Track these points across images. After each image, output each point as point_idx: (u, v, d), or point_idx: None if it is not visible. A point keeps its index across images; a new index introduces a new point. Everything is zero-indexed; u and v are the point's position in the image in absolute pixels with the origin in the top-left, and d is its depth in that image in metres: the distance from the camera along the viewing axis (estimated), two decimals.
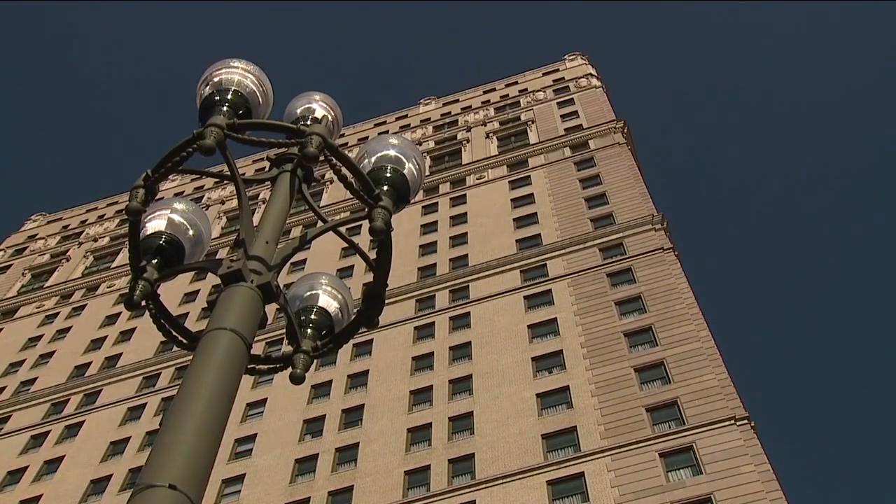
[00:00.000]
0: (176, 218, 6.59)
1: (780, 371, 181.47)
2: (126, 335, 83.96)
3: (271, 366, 6.64)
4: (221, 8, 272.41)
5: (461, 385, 61.68)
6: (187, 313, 79.74)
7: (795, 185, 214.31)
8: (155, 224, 6.53)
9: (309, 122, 7.20)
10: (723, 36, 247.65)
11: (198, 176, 7.85)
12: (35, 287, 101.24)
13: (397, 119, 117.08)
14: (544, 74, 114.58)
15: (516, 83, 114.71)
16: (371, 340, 68.40)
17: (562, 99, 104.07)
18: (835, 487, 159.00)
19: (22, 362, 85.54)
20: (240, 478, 60.16)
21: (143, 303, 6.17)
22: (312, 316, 6.89)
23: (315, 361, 7.06)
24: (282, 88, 7.91)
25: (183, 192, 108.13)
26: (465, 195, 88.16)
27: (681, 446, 50.70)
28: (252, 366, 6.43)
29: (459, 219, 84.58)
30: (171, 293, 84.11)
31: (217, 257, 17.75)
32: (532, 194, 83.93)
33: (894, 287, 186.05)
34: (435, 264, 77.93)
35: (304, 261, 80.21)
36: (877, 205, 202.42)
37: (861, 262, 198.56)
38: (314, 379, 65.73)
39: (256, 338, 5.84)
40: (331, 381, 66.02)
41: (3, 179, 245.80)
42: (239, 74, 7.14)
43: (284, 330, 6.99)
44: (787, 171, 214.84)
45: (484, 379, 61.13)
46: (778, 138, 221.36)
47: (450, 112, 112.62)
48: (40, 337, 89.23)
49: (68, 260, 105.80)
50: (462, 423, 58.18)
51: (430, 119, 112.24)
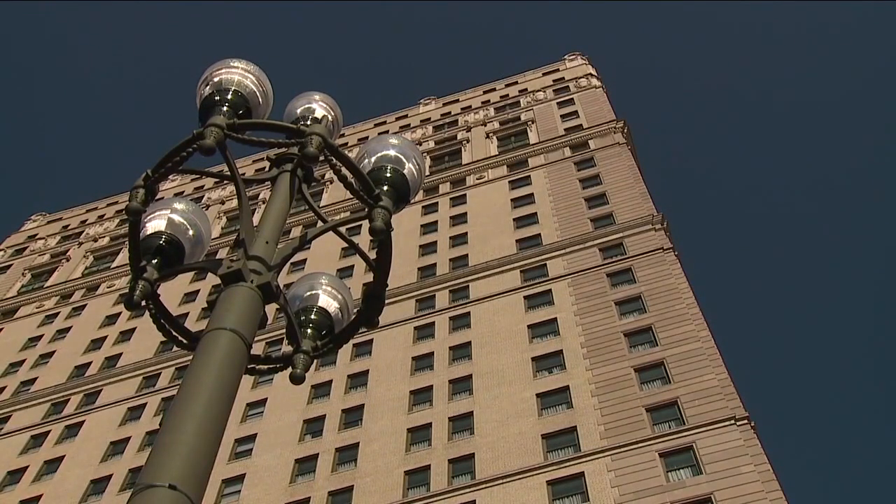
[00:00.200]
0: (176, 218, 6.59)
1: (780, 371, 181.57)
2: (126, 335, 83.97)
3: (271, 366, 6.64)
4: (221, 8, 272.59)
5: (461, 385, 61.68)
6: (187, 313, 79.74)
7: (795, 185, 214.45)
8: (155, 224, 6.53)
9: (309, 122, 7.19)
10: (723, 36, 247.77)
11: (198, 176, 7.85)
12: (35, 287, 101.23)
13: (397, 119, 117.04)
14: (544, 74, 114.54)
15: (516, 83, 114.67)
16: (371, 340, 68.40)
17: (562, 99, 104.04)
18: (835, 487, 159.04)
19: (22, 362, 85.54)
20: (240, 478, 60.16)
21: (143, 303, 6.17)
22: (312, 316, 6.89)
23: (315, 361, 7.06)
24: (282, 88, 7.91)
25: (183, 192, 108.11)
26: (465, 195, 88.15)
27: (681, 446, 50.69)
28: (252, 366, 6.43)
29: (459, 219, 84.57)
30: (171, 293, 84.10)
31: (217, 257, 17.74)
32: (532, 194, 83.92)
33: (894, 287, 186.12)
34: (435, 264, 77.93)
35: (304, 261, 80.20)
36: (877, 205, 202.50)
37: (861, 262, 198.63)
38: (314, 379, 65.73)
39: (256, 338, 5.84)
40: (331, 381, 66.02)
41: (3, 179, 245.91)
42: (239, 74, 7.14)
43: (284, 330, 6.99)
44: (787, 171, 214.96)
45: (484, 379, 61.12)
46: (778, 138, 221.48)
47: (450, 112, 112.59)
48: (40, 337, 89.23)
49: (68, 260, 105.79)
50: (462, 423, 58.17)
51: (430, 119, 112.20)
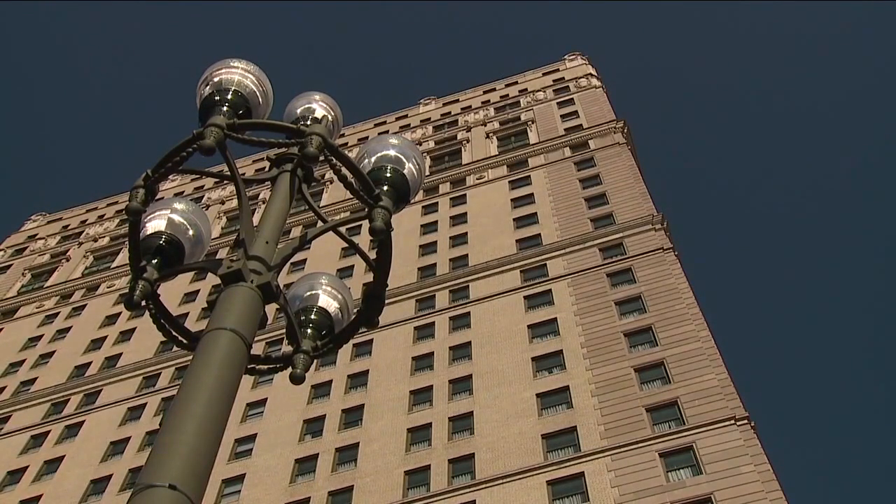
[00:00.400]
0: (176, 218, 6.58)
1: (780, 371, 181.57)
2: (126, 335, 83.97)
3: (271, 366, 6.64)
4: (221, 8, 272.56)
5: (461, 385, 61.67)
6: (187, 313, 79.74)
7: (795, 185, 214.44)
8: (155, 224, 6.53)
9: (309, 122, 7.19)
10: (723, 36, 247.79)
11: (198, 176, 7.85)
12: (35, 287, 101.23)
13: (397, 119, 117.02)
14: (544, 74, 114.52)
15: (516, 83, 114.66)
16: (371, 340, 68.39)
17: (562, 99, 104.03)
18: (835, 487, 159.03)
19: (22, 362, 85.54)
20: (240, 478, 60.16)
21: (143, 303, 6.16)
22: (312, 316, 6.88)
23: (315, 361, 7.06)
24: (282, 88, 7.91)
25: (183, 192, 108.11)
26: (465, 195, 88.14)
27: (681, 446, 50.68)
28: (252, 366, 6.43)
29: (459, 219, 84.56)
30: (171, 293, 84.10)
31: (217, 257, 17.74)
32: (532, 194, 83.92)
33: (894, 287, 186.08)
34: (435, 264, 77.92)
35: (304, 261, 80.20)
36: (877, 205, 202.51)
37: (861, 262, 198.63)
38: (314, 379, 65.72)
39: (256, 338, 5.83)
40: (331, 381, 66.01)
41: (3, 179, 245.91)
42: (239, 74, 7.14)
43: (284, 330, 6.98)
44: (787, 171, 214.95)
45: (484, 379, 61.12)
46: (778, 138, 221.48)
47: (450, 112, 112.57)
48: (40, 337, 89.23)
49: (68, 260, 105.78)
50: (462, 423, 58.17)
51: (430, 119, 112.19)
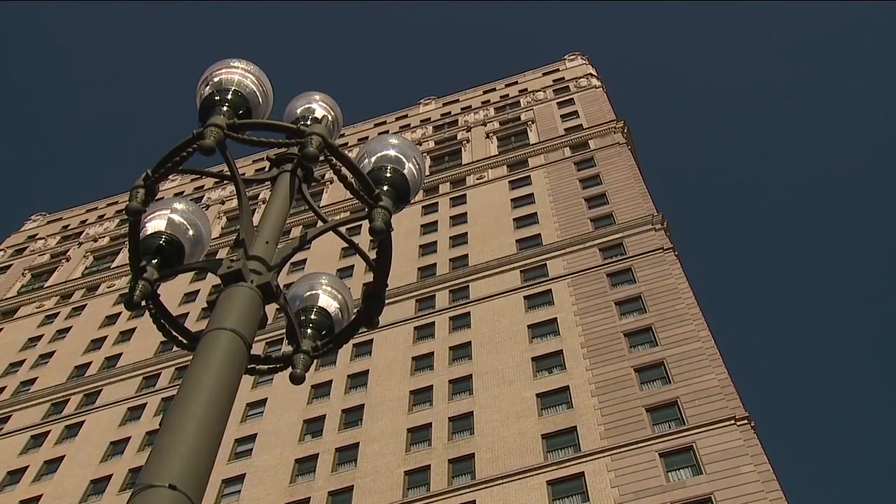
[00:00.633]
0: (176, 218, 6.58)
1: (780, 371, 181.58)
2: (126, 335, 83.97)
3: (271, 366, 6.64)
4: (221, 8, 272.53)
5: (461, 385, 61.67)
6: (187, 313, 79.73)
7: (795, 185, 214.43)
8: (155, 224, 6.53)
9: (309, 122, 7.20)
10: (723, 36, 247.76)
11: (198, 176, 7.85)
12: (35, 287, 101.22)
13: (397, 119, 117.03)
14: (544, 74, 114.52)
15: (516, 83, 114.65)
16: (371, 340, 68.39)
17: (562, 99, 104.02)
18: (835, 487, 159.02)
19: (22, 362, 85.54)
20: (240, 478, 60.16)
21: (143, 303, 6.16)
22: (312, 316, 6.88)
23: (315, 361, 7.05)
24: (282, 88, 7.91)
25: (183, 192, 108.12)
26: (465, 195, 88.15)
27: (681, 446, 50.68)
28: (252, 366, 6.43)
29: (459, 219, 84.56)
30: (171, 293, 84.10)
31: (217, 257, 17.75)
32: (532, 194, 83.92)
33: (894, 287, 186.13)
34: (435, 264, 77.92)
35: (304, 261, 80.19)
36: (877, 205, 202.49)
37: (861, 262, 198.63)
38: (314, 379, 65.72)
39: (256, 338, 5.83)
40: (331, 381, 66.01)
41: (3, 179, 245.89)
42: (239, 74, 7.14)
43: (284, 330, 6.98)
44: (787, 171, 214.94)
45: (484, 379, 61.11)
46: (778, 138, 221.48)
47: (450, 112, 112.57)
48: (40, 337, 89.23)
49: (68, 260, 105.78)
50: (462, 423, 58.16)
51: (430, 119, 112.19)
